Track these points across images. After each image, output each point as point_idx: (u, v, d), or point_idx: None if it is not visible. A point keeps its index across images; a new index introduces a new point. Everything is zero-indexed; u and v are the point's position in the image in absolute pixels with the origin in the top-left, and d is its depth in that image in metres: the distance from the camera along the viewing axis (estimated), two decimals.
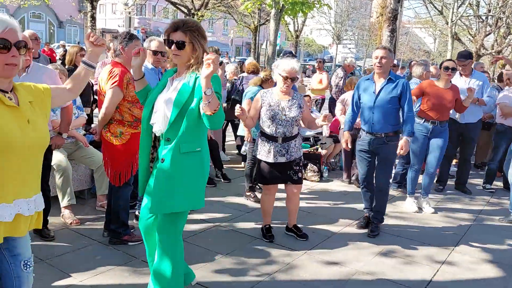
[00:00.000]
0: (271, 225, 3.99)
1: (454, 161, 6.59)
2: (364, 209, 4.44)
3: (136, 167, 3.66)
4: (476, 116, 5.61)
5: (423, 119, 4.91)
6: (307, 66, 26.11)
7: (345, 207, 4.94)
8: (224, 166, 5.80)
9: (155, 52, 3.87)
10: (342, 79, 8.28)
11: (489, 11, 19.24)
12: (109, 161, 3.45)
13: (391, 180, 5.85)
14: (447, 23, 17.93)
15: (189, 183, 2.44)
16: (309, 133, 6.13)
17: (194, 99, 2.33)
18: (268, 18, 9.12)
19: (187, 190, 2.43)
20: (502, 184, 6.19)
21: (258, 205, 4.80)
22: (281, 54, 7.10)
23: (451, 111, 5.21)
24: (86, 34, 2.19)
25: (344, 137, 4.32)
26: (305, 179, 5.96)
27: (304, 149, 4.28)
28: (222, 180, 5.58)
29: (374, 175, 4.27)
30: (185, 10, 18.74)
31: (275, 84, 3.92)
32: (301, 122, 3.82)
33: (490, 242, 4.19)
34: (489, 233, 4.42)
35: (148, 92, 2.65)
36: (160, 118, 2.43)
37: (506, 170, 4.86)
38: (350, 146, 4.30)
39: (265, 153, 3.74)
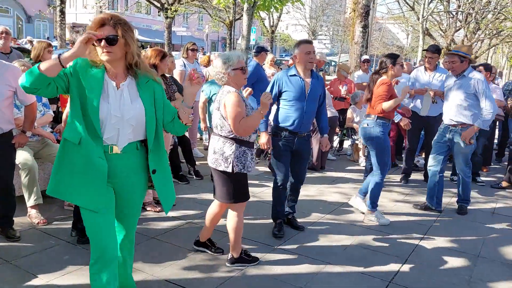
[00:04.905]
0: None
1: (423, 154, 6.76)
2: (278, 212, 4.01)
3: None
4: (437, 110, 5.65)
5: (390, 120, 4.38)
6: (283, 62, 26.16)
7: (317, 199, 5.00)
8: (197, 162, 5.78)
9: None
10: None
11: (459, 6, 19.68)
12: None
13: (365, 174, 5.97)
14: (418, 19, 18.25)
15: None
16: None
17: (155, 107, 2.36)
18: (242, 13, 9.10)
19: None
20: None
21: None
22: (253, 50, 7.10)
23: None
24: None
25: (265, 137, 3.92)
26: None
27: None
28: (194, 177, 5.55)
29: (292, 172, 4.00)
30: (158, 5, 18.46)
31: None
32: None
33: (456, 233, 4.31)
34: (455, 224, 4.55)
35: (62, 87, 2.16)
36: (130, 129, 2.28)
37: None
38: (271, 147, 3.94)
39: (247, 163, 3.14)
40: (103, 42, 2.12)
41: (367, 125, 4.35)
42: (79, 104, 2.17)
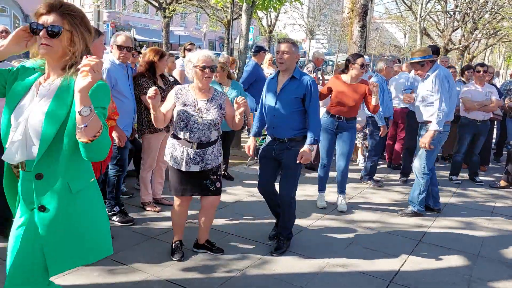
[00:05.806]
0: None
1: None
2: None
3: (104, 166, 3.60)
4: None
5: (330, 114, 4.66)
6: None
7: (316, 200, 4.99)
8: None
9: (121, 47, 3.79)
10: (312, 72, 8.53)
11: (456, 6, 19.70)
12: None
13: (363, 173, 5.98)
14: (416, 19, 18.27)
15: (92, 226, 1.85)
16: None
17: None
18: (240, 13, 9.06)
19: (93, 235, 1.85)
20: (468, 176, 6.39)
21: (230, 200, 4.80)
22: (251, 49, 7.10)
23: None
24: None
25: (249, 142, 3.85)
26: None
27: None
28: None
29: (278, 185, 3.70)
30: (156, 4, 18.42)
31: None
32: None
33: (455, 232, 4.32)
34: (455, 223, 4.55)
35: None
36: (20, 141, 1.72)
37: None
38: (252, 153, 3.84)
39: (177, 159, 3.20)
40: (42, 32, 1.70)
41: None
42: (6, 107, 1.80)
